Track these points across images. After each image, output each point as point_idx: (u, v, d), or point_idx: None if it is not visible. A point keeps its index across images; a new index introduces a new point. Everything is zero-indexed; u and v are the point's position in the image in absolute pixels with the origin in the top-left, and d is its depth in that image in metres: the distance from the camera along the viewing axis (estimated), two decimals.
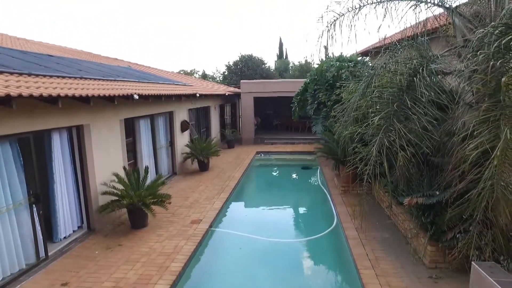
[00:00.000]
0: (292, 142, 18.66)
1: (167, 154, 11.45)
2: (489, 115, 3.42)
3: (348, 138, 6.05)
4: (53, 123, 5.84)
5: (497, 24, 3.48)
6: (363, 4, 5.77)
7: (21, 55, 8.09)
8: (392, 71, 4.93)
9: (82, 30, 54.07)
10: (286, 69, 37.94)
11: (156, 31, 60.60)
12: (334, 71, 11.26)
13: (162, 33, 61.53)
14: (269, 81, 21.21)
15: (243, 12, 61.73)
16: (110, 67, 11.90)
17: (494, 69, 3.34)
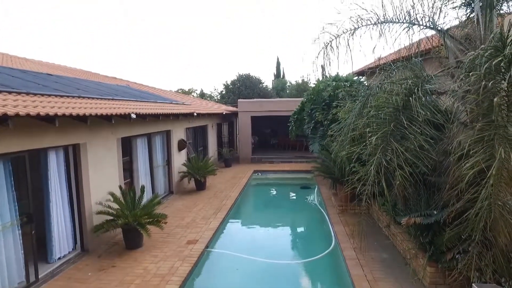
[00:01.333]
0: (289, 161, 18.65)
1: (164, 173, 11.38)
2: (483, 134, 3.45)
3: (345, 158, 6.06)
4: (49, 142, 5.82)
5: (487, 47, 3.56)
6: (357, 26, 5.92)
7: (21, 74, 8.16)
8: (388, 91, 5.01)
9: (82, 48, 54.86)
10: (284, 88, 38.37)
11: (156, 50, 61.60)
12: (331, 91, 11.41)
13: (162, 52, 62.53)
14: (266, 100, 21.41)
15: (241, 32, 63.11)
16: (108, 86, 12.00)
17: (486, 89, 3.40)
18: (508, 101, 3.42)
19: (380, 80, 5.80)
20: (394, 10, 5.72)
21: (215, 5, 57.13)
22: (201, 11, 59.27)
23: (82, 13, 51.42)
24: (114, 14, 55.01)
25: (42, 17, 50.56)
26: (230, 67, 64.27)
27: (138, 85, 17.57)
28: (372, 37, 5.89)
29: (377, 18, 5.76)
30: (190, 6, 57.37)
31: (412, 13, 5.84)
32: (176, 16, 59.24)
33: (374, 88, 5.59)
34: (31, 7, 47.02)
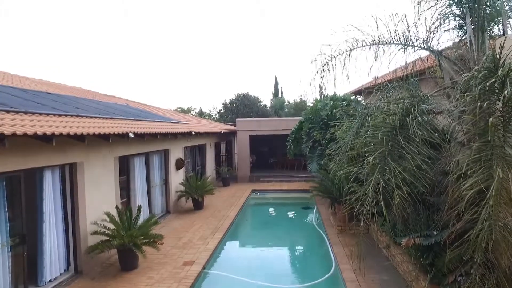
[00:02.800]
0: (287, 180, 18.55)
1: (161, 192, 11.28)
2: (480, 154, 3.45)
3: (343, 177, 6.03)
4: (46, 161, 5.79)
5: (480, 68, 3.62)
6: (353, 47, 6.03)
7: (21, 93, 8.21)
8: (384, 111, 5.04)
9: (82, 67, 55.55)
10: (282, 107, 38.68)
11: (155, 69, 62.42)
12: (328, 110, 11.50)
13: (161, 71, 63.35)
14: (264, 119, 21.52)
15: (240, 51, 64.21)
16: (107, 105, 12.06)
17: (481, 110, 3.43)
18: (504, 121, 3.44)
19: (377, 99, 5.85)
20: (389, 32, 5.84)
21: (213, 24, 58.44)
22: (200, 31, 60.57)
23: (83, 32, 52.40)
24: (114, 33, 56.08)
25: (43, 36, 51.48)
26: (229, 86, 65.07)
27: (137, 104, 17.67)
28: (368, 57, 6.01)
29: (373, 40, 5.87)
30: (189, 26, 58.66)
31: (407, 35, 5.97)
32: (176, 36, 60.45)
33: (371, 108, 5.63)
34: (34, 27, 47.95)
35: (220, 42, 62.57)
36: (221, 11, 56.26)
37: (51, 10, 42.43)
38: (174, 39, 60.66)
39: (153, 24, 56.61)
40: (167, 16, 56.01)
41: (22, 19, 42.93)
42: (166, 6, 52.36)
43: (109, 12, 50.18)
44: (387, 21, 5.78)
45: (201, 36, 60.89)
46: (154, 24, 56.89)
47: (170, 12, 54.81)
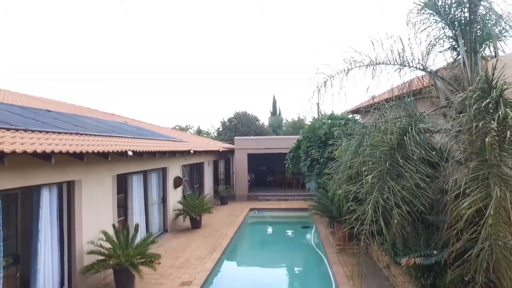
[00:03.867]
0: (286, 198, 18.44)
1: (159, 210, 11.17)
2: (477, 173, 3.48)
3: (342, 196, 6.02)
4: (44, 179, 5.76)
5: (474, 89, 3.71)
6: (351, 67, 6.17)
7: (21, 111, 8.26)
8: (382, 130, 5.10)
9: (81, 85, 56.04)
10: (280, 125, 38.96)
11: (154, 87, 63.06)
12: (326, 129, 11.59)
13: (160, 89, 63.97)
14: (262, 138, 21.61)
15: (238, 70, 65.16)
16: (106, 123, 12.12)
17: (477, 129, 3.49)
18: (499, 141, 3.50)
19: (375, 119, 5.93)
20: (385, 53, 6.00)
21: (212, 43, 59.49)
22: (199, 49, 61.62)
23: (83, 50, 53.15)
24: (113, 51, 56.92)
25: (44, 54, 52.17)
26: (227, 105, 65.68)
27: (136, 122, 17.76)
28: (366, 77, 6.13)
29: (370, 60, 6.02)
30: (188, 44, 59.68)
31: (403, 55, 6.13)
32: (175, 54, 61.38)
33: (369, 127, 5.71)
34: (35, 44, 48.67)
35: (219, 61, 63.60)
36: (220, 29, 57.46)
37: (51, 28, 43.21)
38: (173, 57, 61.61)
39: (152, 42, 57.61)
40: (166, 35, 57.10)
41: (23, 37, 43.63)
42: (166, 25, 53.48)
43: (108, 30, 51.12)
44: (383, 42, 5.94)
45: (200, 54, 61.94)
46: (153, 42, 57.89)
47: (170, 31, 55.94)
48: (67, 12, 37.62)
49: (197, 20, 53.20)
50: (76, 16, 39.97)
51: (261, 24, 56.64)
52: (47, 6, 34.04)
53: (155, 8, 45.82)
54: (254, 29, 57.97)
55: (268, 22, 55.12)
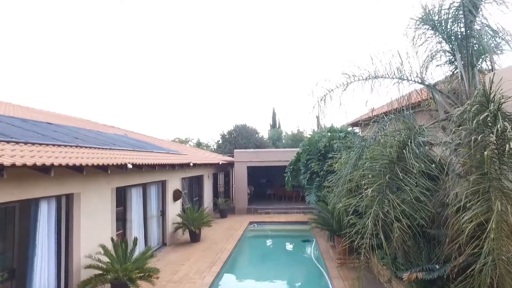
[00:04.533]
0: (285, 211, 18.31)
1: (158, 224, 11.07)
2: (478, 187, 3.48)
3: (342, 209, 5.99)
4: (43, 192, 5.73)
5: (472, 102, 3.74)
6: (350, 81, 6.23)
7: (21, 123, 8.28)
8: (382, 144, 5.12)
9: (82, 97, 56.33)
10: (279, 138, 39.03)
11: (154, 99, 63.41)
12: (326, 141, 11.61)
13: (160, 101, 64.32)
14: (262, 151, 21.60)
15: (238, 83, 65.67)
16: (106, 135, 12.13)
17: (476, 142, 3.50)
18: (499, 154, 3.50)
19: (374, 132, 5.95)
20: (384, 67, 6.07)
21: (212, 55, 60.13)
22: (199, 61, 62.19)
23: (83, 63, 53.65)
24: (113, 64, 57.44)
25: (45, 67, 52.65)
26: (227, 117, 65.86)
27: (135, 134, 17.78)
28: (365, 90, 6.19)
29: (369, 74, 6.08)
30: (188, 57, 60.27)
31: (401, 69, 6.20)
32: (175, 67, 61.96)
33: (368, 140, 5.72)
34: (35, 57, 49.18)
35: (219, 74, 64.15)
36: (220, 43, 58.15)
37: (53, 40, 43.73)
38: (174, 70, 62.17)
39: (154, 55, 58.25)
40: (167, 48, 57.76)
41: (25, 49, 44.13)
42: (167, 38, 54.12)
43: (109, 42, 51.73)
44: (381, 57, 6.02)
45: (200, 67, 62.49)
46: (155, 55, 58.53)
47: (171, 44, 56.61)
48: (67, 24, 38.19)
49: (198, 34, 53.94)
50: (76, 29, 40.53)
51: (261, 36, 57.43)
52: (48, 17, 34.56)
53: (156, 21, 46.52)
54: (255, 42, 58.74)
55: (268, 35, 55.91)
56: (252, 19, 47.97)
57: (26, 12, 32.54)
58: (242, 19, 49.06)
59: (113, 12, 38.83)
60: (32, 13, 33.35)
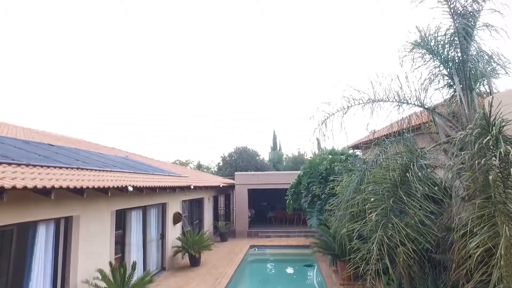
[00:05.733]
0: (287, 235, 18.01)
1: (157, 247, 10.87)
2: (483, 211, 3.43)
3: (345, 235, 5.90)
4: (42, 215, 5.67)
5: (474, 126, 3.76)
6: (350, 105, 6.30)
7: (23, 145, 8.31)
8: (384, 167, 5.11)
9: (83, 118, 56.77)
10: (280, 160, 38.97)
11: (155, 122, 63.84)
12: (327, 164, 11.59)
13: (161, 123, 64.76)
14: (263, 173, 21.53)
15: (239, 105, 66.31)
16: (107, 157, 12.13)
17: (479, 166, 3.49)
18: (503, 177, 3.48)
19: (375, 155, 5.96)
20: (384, 90, 6.15)
21: (212, 78, 61.03)
22: (199, 84, 63.02)
23: (85, 86, 54.35)
24: (114, 86, 58.17)
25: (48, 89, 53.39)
26: (228, 140, 66.06)
27: (136, 156, 17.79)
28: (365, 114, 6.24)
29: (368, 98, 6.15)
30: (189, 79, 61.17)
31: (401, 93, 6.27)
32: (176, 89, 62.77)
33: (370, 163, 5.71)
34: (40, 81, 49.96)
35: (220, 96, 64.89)
36: (220, 64, 59.13)
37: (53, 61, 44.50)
38: (175, 92, 62.96)
39: (154, 77, 59.09)
40: (168, 70, 58.68)
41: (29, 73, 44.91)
42: (168, 59, 54.97)
43: (111, 65, 52.63)
44: (381, 81, 6.11)
45: (201, 89, 63.29)
46: (155, 77, 59.40)
47: (171, 65, 57.53)
48: (66, 45, 38.91)
49: (199, 57, 55.01)
50: (79, 51, 41.33)
51: (263, 59, 58.53)
52: (48, 38, 35.24)
53: (159, 44, 47.52)
54: (256, 65, 59.81)
55: (270, 58, 56.97)
56: (253, 42, 49.07)
57: (26, 32, 33.30)
58: (242, 41, 50.17)
59: (115, 35, 39.75)
60: (31, 34, 34.09)
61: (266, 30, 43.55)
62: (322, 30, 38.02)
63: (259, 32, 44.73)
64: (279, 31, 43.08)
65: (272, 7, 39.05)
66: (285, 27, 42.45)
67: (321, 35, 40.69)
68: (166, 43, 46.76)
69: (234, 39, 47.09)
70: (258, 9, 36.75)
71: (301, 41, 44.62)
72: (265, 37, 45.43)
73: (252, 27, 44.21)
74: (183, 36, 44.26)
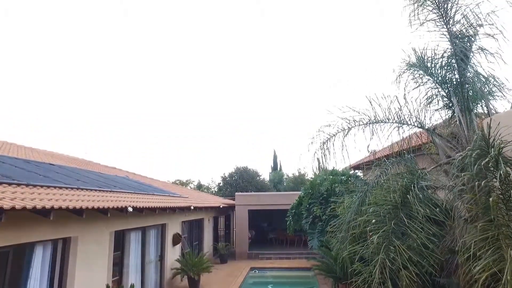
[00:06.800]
0: (288, 257, 17.67)
1: (155, 269, 10.66)
2: (487, 234, 3.39)
3: (347, 257, 5.81)
4: (40, 236, 5.60)
5: (473, 147, 3.78)
6: (351, 126, 6.35)
7: (24, 165, 8.31)
8: (385, 188, 5.09)
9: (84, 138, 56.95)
10: (280, 180, 38.77)
11: (155, 141, 63.98)
12: (328, 185, 11.53)
13: (161, 143, 64.87)
14: (263, 194, 21.40)
15: (239, 125, 66.61)
16: (108, 177, 12.10)
17: (480, 188, 3.48)
18: (504, 199, 3.46)
19: (376, 176, 5.95)
20: (384, 112, 6.21)
21: (213, 98, 61.55)
22: (200, 103, 63.46)
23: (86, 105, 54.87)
24: (116, 105, 58.67)
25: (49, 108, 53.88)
26: (228, 159, 66.03)
27: (137, 176, 17.73)
28: (366, 135, 6.29)
29: (369, 119, 6.21)
30: (189, 98, 61.68)
31: (400, 114, 6.34)
32: (177, 108, 63.20)
33: (370, 184, 5.69)
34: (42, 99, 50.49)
35: (220, 116, 65.29)
36: (221, 84, 59.73)
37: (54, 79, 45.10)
38: (175, 112, 63.41)
39: (154, 97, 59.65)
40: (168, 89, 59.29)
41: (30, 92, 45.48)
42: (168, 77, 55.58)
43: (111, 83, 53.27)
44: (380, 101, 6.19)
45: (201, 109, 63.73)
46: (155, 96, 59.95)
47: (171, 85, 58.17)
48: (65, 64, 39.46)
49: (199, 75, 55.80)
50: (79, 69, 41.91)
51: (262, 79, 59.32)
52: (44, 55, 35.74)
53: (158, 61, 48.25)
54: (256, 85, 60.55)
55: (270, 78, 57.77)
56: (253, 59, 49.84)
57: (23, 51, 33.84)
58: (241, 60, 50.94)
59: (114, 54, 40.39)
60: (29, 51, 34.62)
61: (265, 49, 44.34)
62: (323, 49, 38.74)
63: (260, 50, 45.48)
64: (279, 48, 43.84)
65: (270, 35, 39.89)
66: (285, 46, 43.20)
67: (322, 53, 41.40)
68: (167, 58, 47.31)
69: (233, 58, 47.79)
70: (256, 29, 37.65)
71: (303, 59, 45.31)
72: (266, 55, 46.15)
73: (250, 47, 44.97)
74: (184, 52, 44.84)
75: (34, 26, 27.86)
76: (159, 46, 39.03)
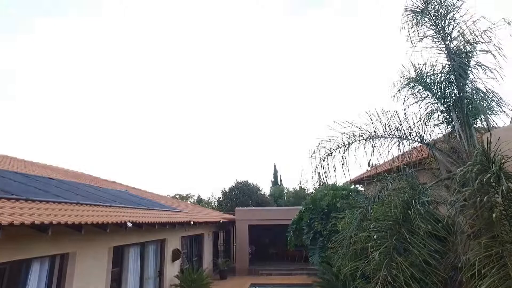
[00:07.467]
0: (288, 273, 17.38)
1: (154, 285, 10.46)
2: (490, 252, 3.34)
3: (348, 274, 5.71)
4: (38, 252, 5.53)
5: (474, 162, 3.77)
6: (351, 141, 6.35)
7: (23, 179, 8.28)
8: (386, 203, 5.05)
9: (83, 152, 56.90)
10: (281, 195, 38.51)
11: (155, 155, 63.90)
12: (329, 200, 11.44)
13: (161, 157, 64.77)
14: (264, 209, 21.24)
15: (239, 139, 66.60)
16: (107, 192, 12.03)
17: (482, 203, 3.45)
18: (507, 215, 3.43)
19: (377, 191, 5.91)
20: (384, 127, 6.23)
21: (213, 111, 61.79)
22: (201, 117, 63.59)
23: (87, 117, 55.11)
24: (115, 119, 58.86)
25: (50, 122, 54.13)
26: (228, 174, 65.79)
27: (136, 190, 17.63)
28: (367, 150, 6.29)
29: (369, 134, 6.22)
30: (190, 112, 61.90)
31: (400, 129, 6.35)
32: (177, 122, 63.37)
33: (371, 199, 5.65)
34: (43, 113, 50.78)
35: (220, 130, 65.38)
36: (221, 98, 60.04)
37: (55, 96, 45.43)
38: (176, 126, 63.57)
39: (155, 110, 59.88)
40: (168, 102, 59.56)
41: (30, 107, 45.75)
42: (168, 91, 55.90)
43: (111, 97, 53.62)
44: (381, 117, 6.21)
45: (202, 123, 63.87)
46: (156, 110, 60.17)
47: (172, 98, 58.51)
48: (64, 81, 39.79)
49: (200, 88, 56.19)
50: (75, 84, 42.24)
51: (262, 92, 59.73)
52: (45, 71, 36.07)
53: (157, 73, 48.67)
54: (257, 99, 60.89)
55: (271, 92, 58.16)
56: (253, 75, 50.31)
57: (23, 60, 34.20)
58: (241, 74, 51.39)
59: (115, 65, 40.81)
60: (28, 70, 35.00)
61: (266, 65, 44.84)
62: (323, 67, 39.14)
63: (261, 64, 45.94)
64: (279, 67, 44.33)
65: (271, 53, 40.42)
66: (285, 63, 43.73)
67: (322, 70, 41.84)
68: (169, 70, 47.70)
69: (236, 70, 48.22)
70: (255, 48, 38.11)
71: (302, 75, 45.74)
72: (267, 69, 46.59)
73: (250, 64, 45.50)
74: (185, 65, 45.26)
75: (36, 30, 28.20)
76: (160, 57, 39.48)
